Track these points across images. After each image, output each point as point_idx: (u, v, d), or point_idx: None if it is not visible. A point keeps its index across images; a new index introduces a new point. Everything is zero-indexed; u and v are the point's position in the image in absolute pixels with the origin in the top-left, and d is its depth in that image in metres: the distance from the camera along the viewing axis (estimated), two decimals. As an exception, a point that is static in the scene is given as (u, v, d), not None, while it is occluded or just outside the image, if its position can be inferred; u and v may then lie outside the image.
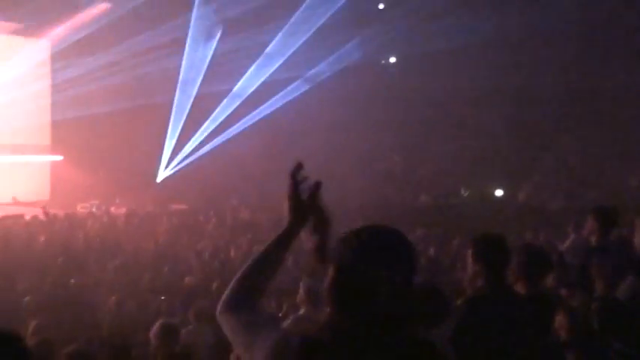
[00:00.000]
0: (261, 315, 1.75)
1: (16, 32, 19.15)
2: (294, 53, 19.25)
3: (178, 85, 19.74)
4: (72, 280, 7.52)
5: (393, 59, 21.32)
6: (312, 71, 19.85)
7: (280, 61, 19.58)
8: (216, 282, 7.09)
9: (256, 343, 1.61)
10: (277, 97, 19.90)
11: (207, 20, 19.32)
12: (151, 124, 19.55)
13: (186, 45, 19.45)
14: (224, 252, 9.77)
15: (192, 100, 19.88)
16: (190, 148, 20.45)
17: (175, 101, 19.92)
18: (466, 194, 17.71)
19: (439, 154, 18.39)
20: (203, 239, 11.77)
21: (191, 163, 20.20)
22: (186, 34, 19.35)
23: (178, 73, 19.67)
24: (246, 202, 16.40)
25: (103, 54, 18.38)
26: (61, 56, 19.56)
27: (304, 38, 18.98)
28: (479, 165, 17.61)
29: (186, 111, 19.97)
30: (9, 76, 18.66)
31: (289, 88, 19.97)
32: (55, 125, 20.76)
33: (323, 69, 19.82)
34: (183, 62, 19.62)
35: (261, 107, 19.96)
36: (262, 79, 19.71)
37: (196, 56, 19.49)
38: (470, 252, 3.10)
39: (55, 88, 20.21)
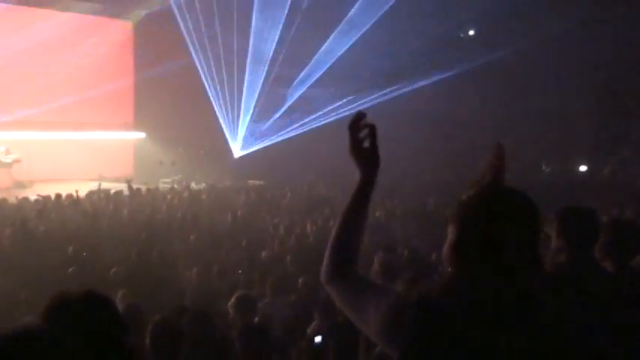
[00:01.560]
0: (367, 279, 1.74)
1: (99, 12, 19.82)
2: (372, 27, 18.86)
3: (247, 63, 19.90)
4: (155, 252, 7.76)
5: (471, 32, 20.73)
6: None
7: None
8: (289, 256, 7.19)
9: (369, 309, 1.60)
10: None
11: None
12: (228, 101, 19.92)
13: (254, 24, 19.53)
14: (300, 227, 9.86)
15: (262, 79, 20.00)
16: (267, 126, 20.69)
17: (246, 78, 20.12)
18: (548, 170, 17.15)
19: (521, 128, 17.83)
20: (279, 214, 11.93)
21: (269, 139, 20.44)
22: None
23: (254, 53, 19.83)
24: (321, 177, 16.48)
25: (183, 33, 18.81)
26: (142, 35, 20.15)
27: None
28: (562, 140, 16.98)
29: (258, 90, 20.14)
30: (93, 56, 19.38)
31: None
32: (138, 103, 21.52)
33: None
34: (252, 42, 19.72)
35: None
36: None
37: (273, 36, 19.50)
38: (554, 226, 2.97)
39: (138, 68, 20.88)
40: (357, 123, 1.71)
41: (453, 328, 1.48)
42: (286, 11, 18.67)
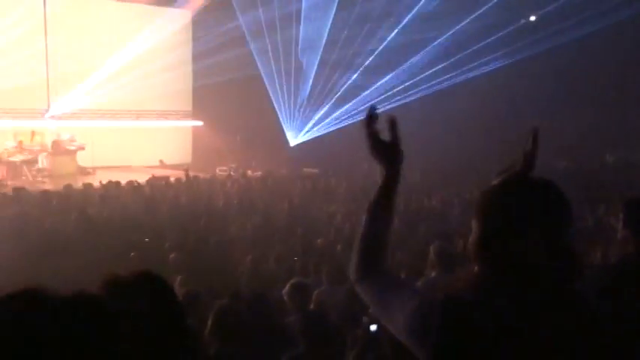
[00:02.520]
0: (394, 278, 1.70)
1: (158, 2, 20.20)
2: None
3: (302, 50, 19.92)
4: (212, 239, 7.90)
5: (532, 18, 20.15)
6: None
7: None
8: (340, 245, 7.21)
9: (396, 307, 1.56)
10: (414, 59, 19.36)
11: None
12: (284, 90, 20.05)
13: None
14: (355, 215, 9.85)
15: (316, 66, 19.97)
16: (321, 114, 20.72)
17: (302, 66, 20.15)
18: (611, 160, 16.60)
19: (583, 117, 17.31)
20: (335, 202, 11.96)
21: (324, 126, 20.48)
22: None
23: (309, 39, 19.84)
24: (376, 167, 16.39)
25: (240, 22, 19.01)
26: (201, 24, 20.44)
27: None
28: (627, 130, 16.39)
29: (311, 78, 20.14)
30: (153, 45, 19.79)
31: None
32: (196, 92, 21.88)
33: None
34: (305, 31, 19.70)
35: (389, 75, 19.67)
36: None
37: (337, 21, 19.38)
38: (620, 216, 2.88)
39: (196, 56, 21.21)
40: (371, 118, 1.66)
41: (478, 333, 1.42)
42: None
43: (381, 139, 1.66)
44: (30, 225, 8.74)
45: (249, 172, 17.65)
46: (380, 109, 1.65)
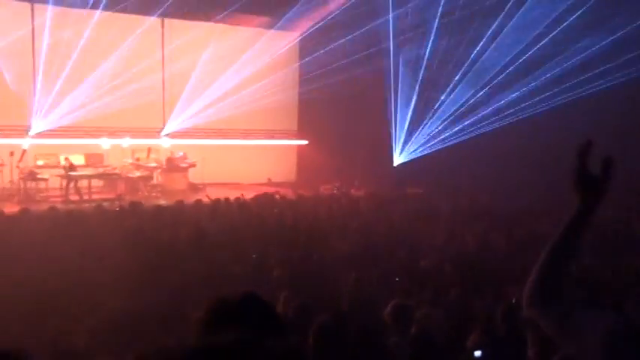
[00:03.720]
0: (573, 303, 1.64)
1: (265, 25, 20.87)
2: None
3: (404, 69, 19.86)
4: (315, 256, 8.00)
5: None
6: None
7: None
8: (449, 266, 7.07)
9: (578, 334, 1.52)
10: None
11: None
12: (389, 108, 20.09)
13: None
14: (460, 238, 9.66)
15: (418, 84, 19.82)
16: (426, 133, 20.54)
17: (395, 89, 20.08)
18: None
19: None
20: (438, 224, 11.78)
21: (428, 147, 20.28)
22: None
23: (411, 58, 19.77)
24: (483, 187, 16.02)
25: (346, 43, 19.29)
26: (307, 45, 20.92)
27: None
28: None
29: (414, 97, 20.02)
30: (261, 67, 20.46)
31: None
32: (301, 111, 22.37)
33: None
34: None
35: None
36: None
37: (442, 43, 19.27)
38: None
39: (302, 77, 21.70)
40: (587, 151, 1.63)
41: None
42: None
43: (590, 173, 1.63)
44: (145, 237, 9.23)
45: (353, 191, 17.75)
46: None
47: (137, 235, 9.31)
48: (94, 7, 17.40)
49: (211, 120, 20.13)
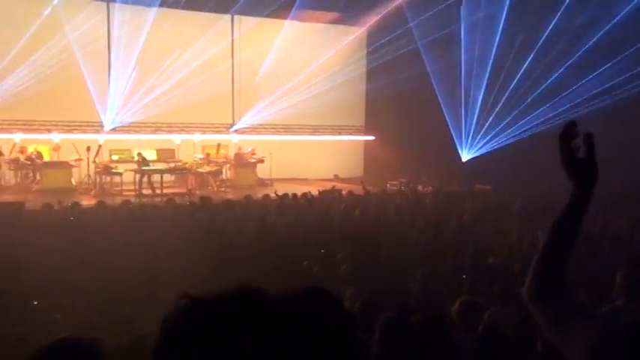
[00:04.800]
0: (572, 302, 1.60)
1: (334, 21, 20.89)
2: None
3: (473, 64, 19.43)
4: (382, 252, 7.96)
5: None
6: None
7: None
8: (518, 264, 6.89)
9: (573, 332, 1.48)
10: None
11: None
12: (457, 104, 19.76)
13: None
14: (531, 234, 9.40)
15: (486, 79, 19.34)
16: (495, 128, 20.06)
17: (464, 84, 19.65)
18: None
19: None
20: (508, 221, 11.51)
21: (497, 142, 19.81)
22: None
23: (480, 53, 19.34)
24: (554, 183, 15.50)
25: (414, 36, 19.11)
26: (375, 41, 20.83)
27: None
28: None
29: (482, 91, 19.54)
30: (328, 62, 20.50)
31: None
32: (369, 107, 22.30)
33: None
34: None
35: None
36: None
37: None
38: None
39: (369, 72, 21.63)
40: (569, 133, 1.58)
41: None
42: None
43: (577, 155, 1.59)
44: (213, 231, 9.41)
45: (420, 187, 17.55)
46: (576, 119, 1.59)
47: (206, 229, 9.51)
48: (165, 5, 17.89)
49: (279, 116, 20.33)
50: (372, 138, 21.96)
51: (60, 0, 17.19)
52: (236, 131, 20.33)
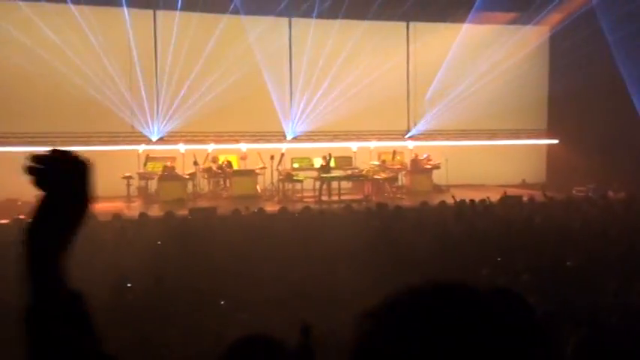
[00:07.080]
0: None
1: (513, 21, 20.11)
2: None
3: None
4: (569, 263, 7.48)
5: None
6: None
7: None
8: None
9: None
10: None
11: None
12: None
13: None
14: None
15: None
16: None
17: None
18: None
19: None
20: None
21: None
22: None
23: None
24: None
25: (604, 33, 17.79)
26: (559, 40, 19.73)
27: None
28: None
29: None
30: (506, 65, 19.76)
31: None
32: (552, 109, 21.14)
33: None
34: None
35: None
36: None
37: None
38: None
39: (552, 73, 20.52)
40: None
41: None
42: None
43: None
44: (390, 237, 9.45)
45: (611, 194, 16.24)
46: None
47: (383, 236, 9.58)
48: (349, 17, 18.46)
49: (455, 121, 19.99)
50: (555, 141, 20.79)
51: (246, 18, 18.36)
52: (411, 137, 20.32)
